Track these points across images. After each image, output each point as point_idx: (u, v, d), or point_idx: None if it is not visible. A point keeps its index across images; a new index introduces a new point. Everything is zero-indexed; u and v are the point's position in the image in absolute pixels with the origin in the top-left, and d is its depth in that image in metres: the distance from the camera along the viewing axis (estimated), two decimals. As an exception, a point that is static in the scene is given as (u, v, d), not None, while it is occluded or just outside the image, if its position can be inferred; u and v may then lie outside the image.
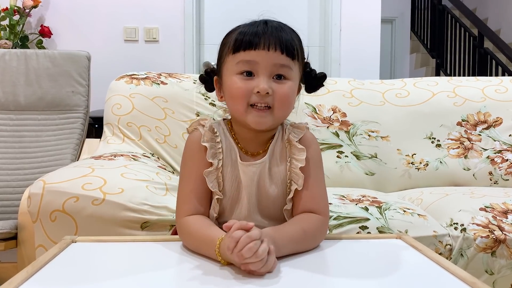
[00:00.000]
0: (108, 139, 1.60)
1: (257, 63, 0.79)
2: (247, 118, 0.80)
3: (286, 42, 0.80)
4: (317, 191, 0.85)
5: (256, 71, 0.79)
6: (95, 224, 1.09)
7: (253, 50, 0.78)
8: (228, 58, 0.82)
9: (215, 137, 0.85)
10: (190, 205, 0.82)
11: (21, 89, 1.84)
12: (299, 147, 0.84)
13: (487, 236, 1.18)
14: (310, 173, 0.84)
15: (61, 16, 3.05)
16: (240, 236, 0.66)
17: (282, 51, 0.79)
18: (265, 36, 0.79)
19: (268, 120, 0.81)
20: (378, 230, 1.16)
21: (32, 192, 1.11)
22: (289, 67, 0.81)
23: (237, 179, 0.84)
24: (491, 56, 3.99)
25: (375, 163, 1.68)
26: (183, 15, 3.09)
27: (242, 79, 0.80)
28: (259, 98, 0.79)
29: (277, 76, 0.80)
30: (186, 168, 0.85)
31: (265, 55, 0.78)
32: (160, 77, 1.74)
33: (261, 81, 0.78)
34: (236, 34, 0.81)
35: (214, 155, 0.83)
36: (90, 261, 0.76)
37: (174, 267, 0.74)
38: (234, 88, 0.80)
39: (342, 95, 1.78)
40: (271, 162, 0.85)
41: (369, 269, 0.73)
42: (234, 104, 0.82)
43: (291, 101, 0.83)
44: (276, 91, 0.79)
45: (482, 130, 1.75)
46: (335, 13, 3.19)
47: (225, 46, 0.83)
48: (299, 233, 0.78)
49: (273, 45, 0.79)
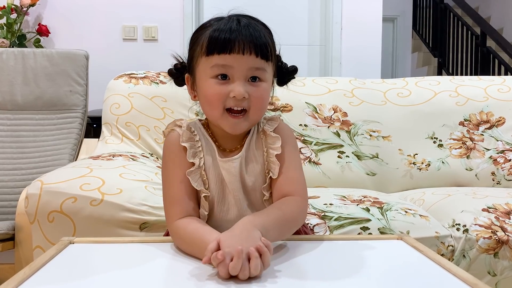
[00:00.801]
0: (107, 139, 1.60)
1: (232, 67, 0.79)
2: (223, 124, 0.82)
3: (261, 45, 0.80)
4: (293, 174, 0.85)
5: (231, 75, 0.79)
6: (93, 225, 1.09)
7: (227, 54, 0.78)
8: (201, 59, 0.81)
9: (194, 136, 0.85)
10: (179, 207, 0.82)
11: (19, 89, 1.84)
12: (274, 136, 0.85)
13: (490, 237, 1.18)
14: (285, 158, 0.85)
15: (59, 15, 3.05)
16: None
17: (257, 54, 0.79)
18: (239, 39, 0.78)
19: (244, 125, 0.82)
20: (380, 231, 1.16)
21: (30, 193, 1.11)
22: (263, 69, 0.81)
23: (220, 176, 0.85)
24: (494, 55, 3.99)
25: (376, 163, 1.68)
26: (182, 14, 3.10)
27: (217, 83, 0.79)
28: (235, 102, 0.79)
29: (252, 78, 0.81)
30: (168, 171, 0.85)
31: (240, 59, 0.78)
32: (159, 76, 1.74)
33: (236, 86, 0.79)
34: (208, 33, 0.80)
35: (194, 154, 0.84)
36: (88, 263, 0.76)
37: (173, 268, 0.74)
38: (210, 94, 0.80)
39: (343, 94, 1.78)
40: (248, 155, 0.86)
41: (370, 270, 0.73)
42: (210, 109, 0.82)
43: (266, 102, 0.84)
44: (251, 94, 0.80)
45: (484, 130, 1.75)
46: (336, 12, 3.19)
47: (197, 45, 0.82)
48: (280, 215, 0.78)
49: (247, 48, 0.78)
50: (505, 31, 4.97)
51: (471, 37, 4.32)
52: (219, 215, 0.86)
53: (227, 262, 0.64)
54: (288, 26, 3.26)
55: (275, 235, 0.76)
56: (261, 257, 0.65)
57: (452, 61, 4.68)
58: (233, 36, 0.78)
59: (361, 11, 3.20)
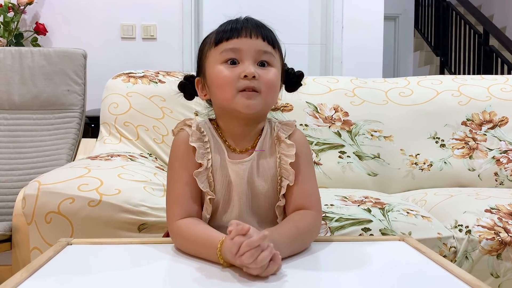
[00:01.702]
0: (105, 139, 1.60)
1: (241, 50, 0.82)
2: (236, 104, 0.82)
3: (266, 32, 0.85)
4: (308, 186, 0.86)
5: (240, 58, 0.82)
6: (91, 226, 1.09)
7: (236, 38, 0.82)
8: (210, 52, 0.85)
9: (203, 137, 0.86)
10: (182, 208, 0.82)
11: (16, 88, 1.84)
12: (288, 143, 0.86)
13: (493, 238, 1.18)
14: (300, 169, 0.86)
15: (57, 13, 3.05)
16: (241, 242, 0.66)
17: (263, 38, 0.83)
18: (245, 26, 0.83)
19: (257, 103, 0.82)
20: (381, 232, 1.16)
21: (27, 193, 1.11)
22: (271, 54, 0.84)
23: (227, 178, 0.85)
24: (497, 54, 3.99)
25: (378, 163, 1.68)
26: (182, 12, 3.10)
27: (227, 67, 0.82)
28: (246, 83, 0.81)
29: (261, 63, 0.83)
30: (174, 170, 0.85)
31: (248, 41, 0.82)
32: (158, 75, 1.74)
33: (246, 66, 0.81)
34: (216, 30, 0.86)
35: (203, 156, 0.84)
36: (87, 264, 0.76)
37: (173, 269, 0.74)
38: (221, 76, 0.82)
39: (344, 94, 1.78)
40: (259, 158, 0.86)
41: (372, 272, 0.73)
42: (221, 92, 0.83)
43: (277, 86, 0.86)
44: (262, 75, 0.82)
45: (487, 130, 1.75)
46: (337, 10, 3.19)
47: (206, 45, 0.87)
48: (293, 231, 0.79)
49: (254, 32, 0.83)
50: (508, 30, 4.97)
51: (474, 36, 4.32)
52: (221, 217, 0.85)
53: (247, 249, 0.66)
54: (289, 25, 3.25)
55: (287, 252, 0.76)
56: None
57: (455, 60, 4.68)
58: (240, 24, 0.83)
59: (362, 9, 3.20)
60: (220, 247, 0.71)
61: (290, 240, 0.77)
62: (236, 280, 0.66)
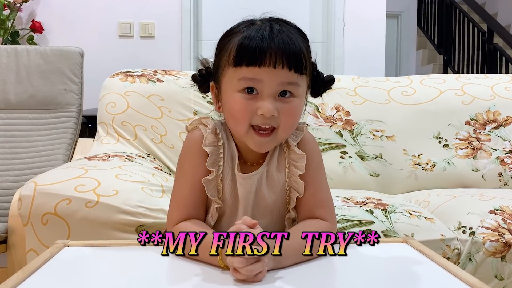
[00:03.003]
0: (102, 139, 1.60)
1: (262, 81, 0.74)
2: (248, 141, 0.79)
3: (295, 57, 0.74)
4: (322, 196, 0.84)
5: (260, 89, 0.75)
6: (89, 227, 1.09)
7: (257, 67, 0.73)
8: (228, 70, 0.77)
9: (218, 140, 0.82)
10: (184, 212, 0.81)
11: (12, 87, 1.84)
12: (299, 153, 0.83)
13: (497, 240, 1.18)
14: (312, 178, 0.83)
15: (53, 11, 3.05)
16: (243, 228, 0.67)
17: (290, 67, 0.74)
18: (270, 49, 0.73)
19: (270, 144, 0.79)
20: (383, 233, 1.16)
21: (23, 194, 1.11)
22: (297, 84, 0.76)
23: (235, 189, 0.83)
24: (501, 52, 3.99)
25: (380, 163, 1.68)
26: (180, 10, 3.09)
27: (244, 98, 0.75)
28: (263, 120, 0.75)
29: (282, 92, 0.76)
30: (182, 172, 0.84)
31: (271, 73, 0.73)
32: (156, 74, 1.74)
33: (265, 102, 0.74)
34: (237, 40, 0.75)
35: (215, 162, 0.81)
36: (84, 266, 0.76)
37: (171, 272, 0.74)
38: (236, 109, 0.76)
39: (346, 93, 1.78)
40: (268, 170, 0.84)
41: (374, 274, 0.73)
42: (235, 125, 0.79)
43: (297, 120, 0.80)
44: (281, 112, 0.75)
45: (491, 130, 1.75)
46: (338, 8, 3.19)
47: (225, 53, 0.78)
48: (302, 243, 0.75)
49: (280, 61, 0.73)
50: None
51: (478, 34, 4.32)
52: (226, 226, 0.84)
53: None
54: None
55: (290, 262, 0.73)
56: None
57: (458, 59, 4.68)
58: (264, 46, 0.73)
59: (364, 7, 3.20)
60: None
61: (297, 252, 0.74)
62: (235, 283, 0.66)
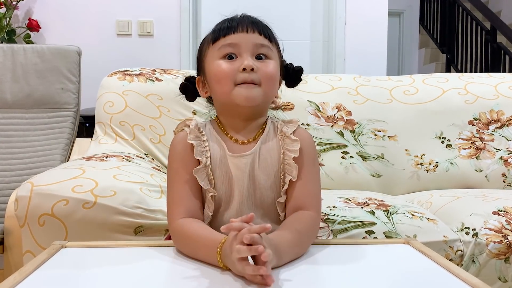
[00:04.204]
0: (100, 138, 1.60)
1: (238, 44, 0.85)
2: (235, 97, 0.84)
3: (262, 26, 0.88)
4: (310, 187, 0.88)
5: (238, 52, 0.85)
6: (86, 228, 1.09)
7: (232, 33, 0.86)
8: (208, 50, 0.88)
9: (201, 136, 0.88)
10: (182, 207, 0.84)
11: (8, 86, 1.84)
12: (293, 138, 0.88)
13: (500, 241, 1.19)
14: (304, 167, 0.87)
15: (50, 9, 3.05)
16: (242, 227, 0.68)
17: (260, 32, 0.87)
18: (241, 22, 0.87)
19: (257, 94, 0.85)
20: (385, 235, 1.16)
21: (20, 195, 1.11)
22: (268, 47, 0.87)
23: (228, 174, 0.86)
24: (505, 51, 3.99)
25: (382, 164, 1.68)
26: (179, 8, 3.10)
27: (225, 61, 0.85)
28: (245, 76, 0.84)
29: (259, 57, 0.86)
30: (173, 170, 0.87)
31: (245, 36, 0.86)
32: (155, 73, 1.75)
33: (244, 59, 0.84)
34: (213, 28, 0.89)
35: (201, 153, 0.86)
36: (81, 268, 0.76)
37: (170, 273, 0.74)
38: (219, 70, 0.85)
39: (347, 92, 1.78)
40: (262, 151, 0.88)
41: (376, 276, 0.73)
42: (220, 87, 0.86)
43: (276, 77, 0.88)
44: (260, 68, 0.85)
45: (495, 130, 1.75)
46: (340, 6, 3.20)
47: (204, 44, 0.91)
48: (295, 236, 0.79)
49: (250, 27, 0.86)
50: (516, 26, 4.97)
51: (481, 32, 4.32)
52: (223, 215, 0.87)
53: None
54: (290, 21, 3.26)
55: (288, 258, 0.76)
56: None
57: (461, 58, 4.68)
58: (236, 18, 0.88)
59: (366, 5, 3.20)
60: (220, 248, 0.71)
61: (291, 245, 0.77)
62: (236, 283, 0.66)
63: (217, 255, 0.71)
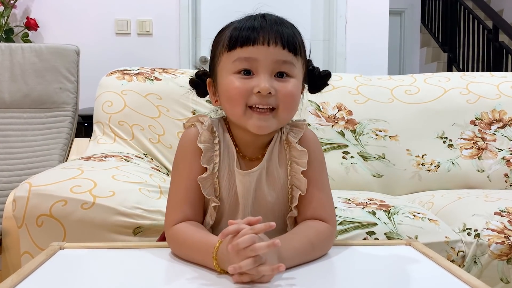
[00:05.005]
0: (98, 138, 1.60)
1: (256, 60, 0.75)
2: (246, 123, 0.77)
3: (288, 36, 0.77)
4: (323, 197, 0.83)
5: (255, 69, 0.76)
6: (85, 229, 1.09)
7: (251, 46, 0.75)
8: (222, 57, 0.79)
9: (214, 138, 0.82)
10: (181, 214, 0.80)
11: (6, 86, 1.84)
12: (300, 149, 0.82)
13: (503, 242, 1.18)
14: (314, 177, 0.83)
15: (48, 8, 3.05)
16: (242, 229, 0.67)
17: (283, 46, 0.76)
18: (263, 30, 0.75)
19: (271, 124, 0.78)
20: (386, 235, 1.16)
21: (17, 196, 1.11)
22: (291, 63, 0.77)
23: (234, 187, 0.82)
24: (507, 50, 3.99)
25: (383, 164, 1.68)
26: (178, 7, 3.09)
27: (240, 78, 0.76)
28: (260, 100, 0.75)
29: (279, 74, 0.77)
30: (178, 171, 0.83)
31: (265, 51, 0.75)
32: (154, 72, 1.75)
33: (261, 80, 0.75)
34: (230, 30, 0.78)
35: (209, 159, 0.81)
36: (80, 269, 0.76)
37: (168, 275, 0.74)
38: (231, 89, 0.76)
39: (348, 91, 1.78)
40: (269, 166, 0.83)
41: (377, 277, 0.73)
42: (231, 107, 0.78)
43: (296, 100, 0.80)
44: (279, 90, 0.76)
45: (497, 129, 1.75)
46: (341, 4, 3.19)
47: (219, 45, 0.80)
48: (306, 246, 0.76)
49: (273, 39, 0.75)
50: (518, 25, 4.97)
51: (483, 31, 4.32)
52: (227, 225, 0.82)
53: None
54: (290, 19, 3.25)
55: (292, 264, 0.73)
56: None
57: (463, 57, 4.68)
58: (257, 25, 0.76)
59: (367, 3, 3.20)
60: (216, 251, 0.70)
61: (299, 254, 0.74)
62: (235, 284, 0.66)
63: (213, 260, 0.70)
